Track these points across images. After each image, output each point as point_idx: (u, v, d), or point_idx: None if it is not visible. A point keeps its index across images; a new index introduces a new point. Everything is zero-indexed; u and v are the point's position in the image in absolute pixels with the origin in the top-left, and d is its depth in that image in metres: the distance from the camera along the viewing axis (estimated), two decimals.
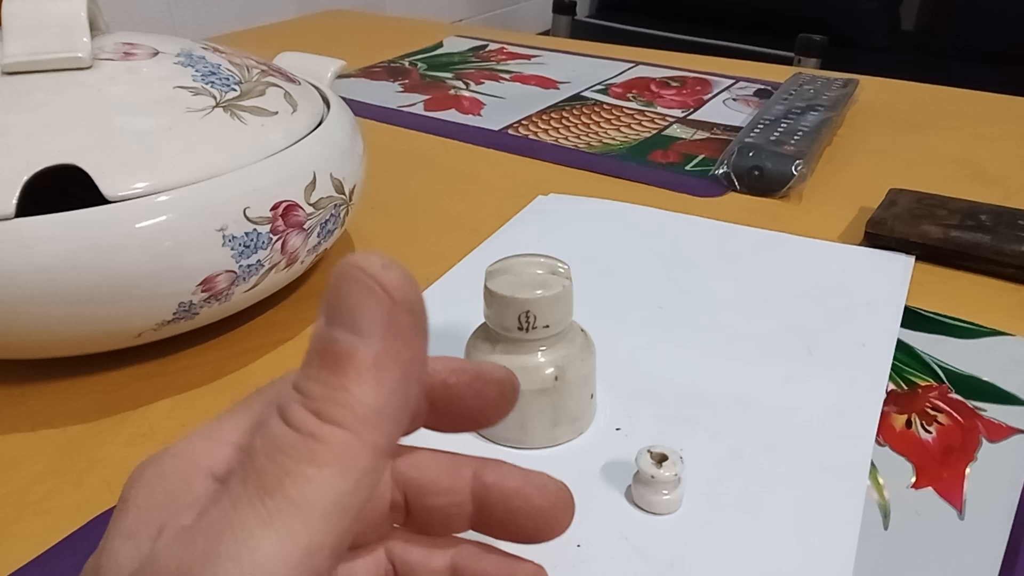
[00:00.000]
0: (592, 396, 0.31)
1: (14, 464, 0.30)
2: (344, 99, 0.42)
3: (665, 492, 0.27)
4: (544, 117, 0.66)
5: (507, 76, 0.77)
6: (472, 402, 0.19)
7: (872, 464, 0.29)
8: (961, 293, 0.40)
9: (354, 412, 0.14)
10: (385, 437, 0.15)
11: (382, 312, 0.14)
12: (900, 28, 1.80)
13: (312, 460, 0.14)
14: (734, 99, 0.69)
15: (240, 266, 0.32)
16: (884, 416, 0.31)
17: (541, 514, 0.19)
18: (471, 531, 0.20)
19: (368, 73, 0.79)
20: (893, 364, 0.34)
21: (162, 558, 0.14)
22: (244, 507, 0.13)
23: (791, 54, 1.26)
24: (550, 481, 0.20)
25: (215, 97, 0.34)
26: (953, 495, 0.28)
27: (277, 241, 0.33)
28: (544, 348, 0.29)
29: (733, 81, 0.74)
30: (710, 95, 0.70)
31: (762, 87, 0.72)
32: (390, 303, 0.14)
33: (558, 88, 0.73)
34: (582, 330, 0.31)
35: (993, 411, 0.32)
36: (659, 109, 0.67)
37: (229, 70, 0.37)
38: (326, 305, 0.15)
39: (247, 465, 0.14)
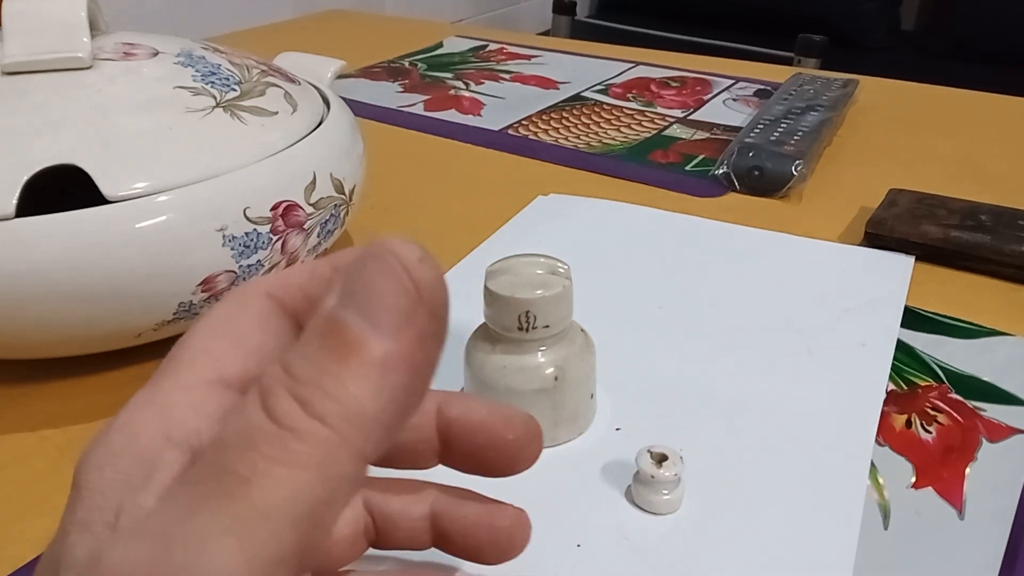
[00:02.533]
0: (592, 396, 0.31)
1: (14, 464, 0.30)
2: (344, 99, 0.42)
3: (665, 492, 0.27)
4: (544, 117, 0.66)
5: (507, 76, 0.77)
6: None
7: (872, 464, 0.29)
8: (961, 293, 0.40)
9: (345, 409, 0.12)
10: (373, 445, 0.13)
11: (406, 307, 0.13)
12: (900, 28, 1.80)
13: (287, 460, 0.12)
14: (734, 99, 0.69)
15: (240, 266, 0.32)
16: (884, 416, 0.31)
17: (507, 447, 0.18)
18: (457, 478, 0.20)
19: (368, 73, 0.79)
20: (893, 364, 0.34)
21: (107, 561, 0.12)
22: (203, 511, 0.12)
23: (791, 54, 1.26)
24: (516, 413, 0.18)
25: (215, 97, 0.34)
26: (953, 495, 0.28)
27: (277, 241, 0.33)
28: (544, 348, 0.29)
29: (733, 81, 0.74)
30: (710, 95, 0.70)
31: (762, 87, 0.72)
32: (416, 300, 0.13)
33: (558, 88, 0.73)
34: (582, 330, 0.31)
35: (993, 411, 0.32)
36: (659, 109, 0.67)
37: (229, 70, 0.37)
38: (343, 281, 0.13)
39: (211, 460, 0.12)
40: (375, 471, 0.15)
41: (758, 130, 0.56)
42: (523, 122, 0.65)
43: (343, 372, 0.12)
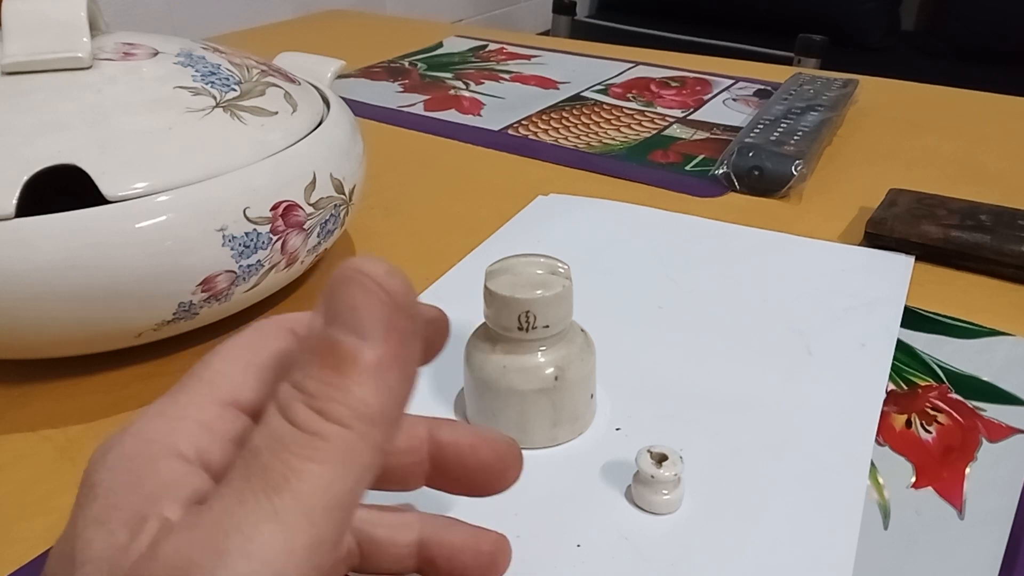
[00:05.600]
0: (592, 396, 0.31)
1: (14, 464, 0.30)
2: (344, 99, 0.42)
3: (665, 492, 0.27)
4: (544, 117, 0.66)
5: (507, 76, 0.77)
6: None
7: (872, 464, 0.29)
8: (961, 293, 0.40)
9: (356, 411, 0.14)
10: (383, 435, 0.15)
11: (385, 316, 0.15)
12: (900, 28, 1.80)
13: (316, 457, 0.14)
14: (734, 99, 0.69)
15: (240, 266, 0.32)
16: (884, 416, 0.31)
17: (490, 468, 0.20)
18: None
19: (368, 73, 0.79)
20: (893, 364, 0.34)
21: (164, 554, 0.13)
22: (250, 503, 0.13)
23: (791, 54, 1.26)
24: (499, 436, 0.21)
25: (215, 97, 0.34)
26: (953, 495, 0.28)
27: (277, 241, 0.33)
28: (544, 348, 0.29)
29: (733, 81, 0.74)
30: (710, 95, 0.70)
31: (762, 87, 0.72)
32: (393, 307, 0.15)
33: (558, 88, 0.73)
34: (582, 330, 0.31)
35: (993, 411, 0.32)
36: (659, 109, 0.67)
37: (229, 70, 0.37)
38: (325, 306, 0.15)
39: (250, 461, 0.14)
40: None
41: (758, 130, 0.56)
42: (523, 122, 0.65)
43: (347, 381, 0.14)
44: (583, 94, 0.71)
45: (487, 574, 0.22)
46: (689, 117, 0.65)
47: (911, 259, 0.42)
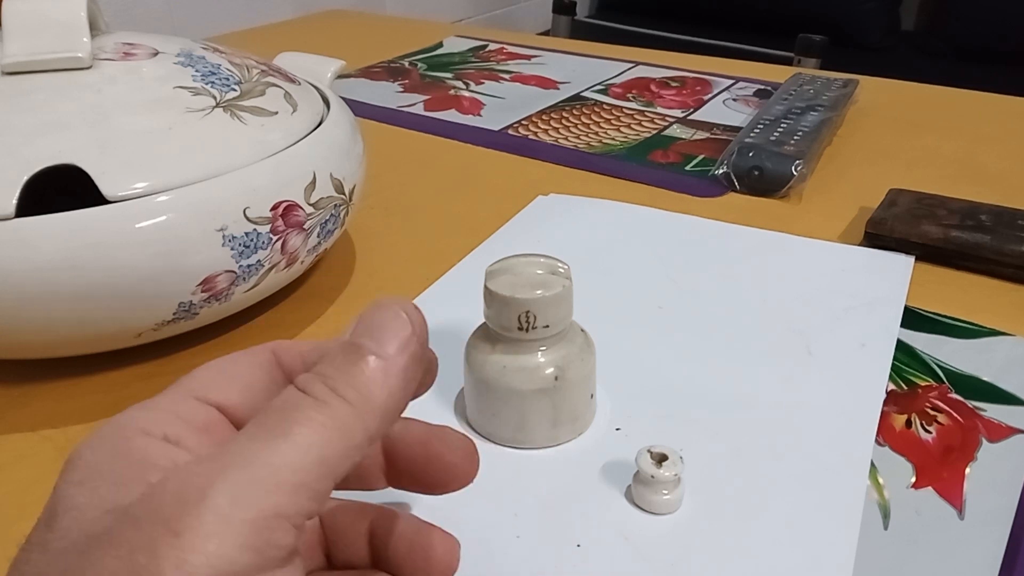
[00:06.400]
0: (592, 396, 0.31)
1: (14, 464, 0.30)
2: (344, 99, 0.42)
3: (665, 492, 0.27)
4: (544, 117, 0.66)
5: (507, 76, 0.77)
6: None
7: (872, 464, 0.29)
8: (961, 293, 0.40)
9: (360, 394, 0.17)
10: (376, 426, 0.17)
11: (403, 337, 0.18)
12: (900, 28, 1.80)
13: (318, 419, 0.16)
14: (734, 99, 0.69)
15: (240, 266, 0.32)
16: (884, 416, 0.31)
17: (443, 461, 0.22)
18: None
19: (368, 73, 0.79)
20: (893, 364, 0.34)
21: (171, 481, 0.15)
22: (258, 441, 0.16)
23: (791, 54, 1.26)
24: (452, 432, 0.22)
25: (215, 97, 0.34)
26: (953, 495, 0.28)
27: (277, 241, 0.33)
28: (544, 348, 0.29)
29: (733, 81, 0.74)
30: (710, 95, 0.70)
31: (762, 87, 0.72)
32: (410, 333, 0.18)
33: (558, 88, 0.73)
34: (582, 330, 0.31)
35: (993, 411, 0.32)
36: (659, 109, 0.67)
37: (229, 70, 0.37)
38: (358, 322, 0.18)
39: (261, 418, 0.16)
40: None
41: (758, 130, 0.56)
42: (523, 122, 0.65)
43: (359, 373, 0.17)
44: (583, 94, 0.71)
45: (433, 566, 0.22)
46: (689, 117, 0.65)
47: (911, 259, 0.42)
